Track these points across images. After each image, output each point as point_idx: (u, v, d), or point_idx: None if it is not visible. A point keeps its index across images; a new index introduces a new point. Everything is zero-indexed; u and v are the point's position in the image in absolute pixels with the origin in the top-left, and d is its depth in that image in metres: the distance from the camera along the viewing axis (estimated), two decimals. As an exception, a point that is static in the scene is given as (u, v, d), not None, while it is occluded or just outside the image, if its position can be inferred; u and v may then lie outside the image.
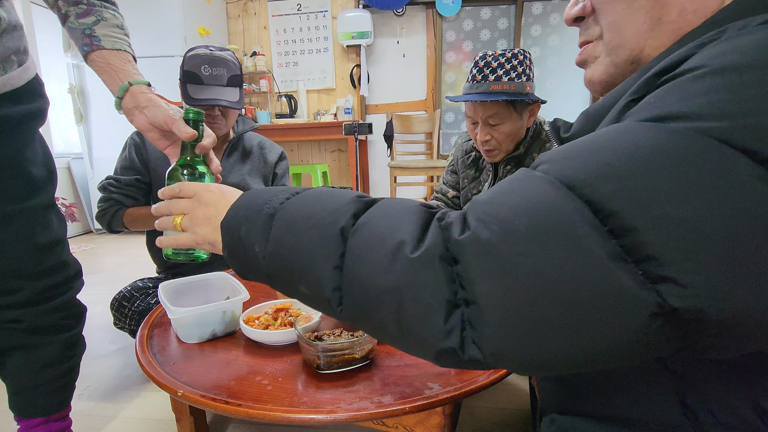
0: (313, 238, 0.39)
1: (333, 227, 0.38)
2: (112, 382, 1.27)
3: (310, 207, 0.41)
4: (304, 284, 0.40)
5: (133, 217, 1.26)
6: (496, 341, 0.30)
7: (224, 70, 1.22)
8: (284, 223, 0.41)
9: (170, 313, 0.74)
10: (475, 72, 1.14)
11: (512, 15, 3.76)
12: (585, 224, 0.28)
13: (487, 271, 0.29)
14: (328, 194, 0.42)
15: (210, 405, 0.57)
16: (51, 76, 3.26)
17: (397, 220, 0.35)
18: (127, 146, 1.31)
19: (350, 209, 0.38)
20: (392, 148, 3.64)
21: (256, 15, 3.92)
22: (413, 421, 0.64)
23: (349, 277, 0.36)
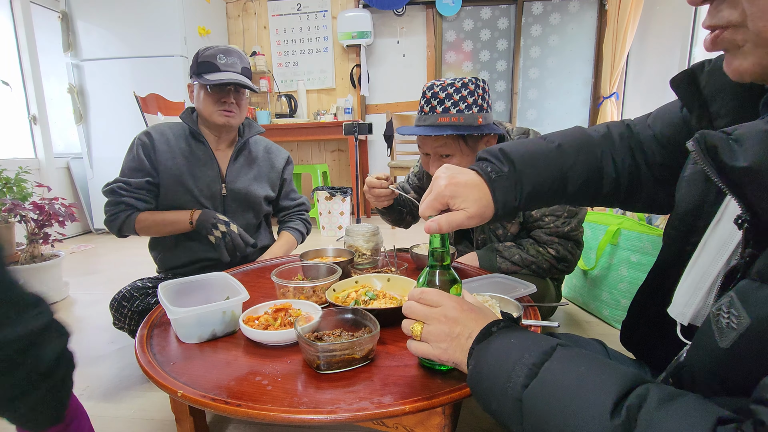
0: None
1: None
2: (112, 382, 1.27)
3: (560, 418, 0.38)
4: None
5: (146, 224, 1.26)
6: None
7: (237, 60, 1.27)
8: (539, 419, 0.40)
9: (170, 313, 0.74)
10: (423, 103, 1.08)
11: (512, 15, 3.76)
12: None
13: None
14: (570, 395, 0.39)
15: (210, 405, 0.57)
16: (51, 76, 3.26)
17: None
18: (134, 147, 1.29)
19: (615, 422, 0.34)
20: (392, 148, 3.64)
21: (256, 15, 3.92)
22: (413, 421, 0.64)
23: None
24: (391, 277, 0.94)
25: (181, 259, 1.33)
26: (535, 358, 0.44)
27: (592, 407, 0.36)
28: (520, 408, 0.42)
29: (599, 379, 0.38)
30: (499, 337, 0.49)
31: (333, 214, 3.24)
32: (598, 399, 0.36)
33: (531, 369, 0.43)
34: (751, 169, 0.33)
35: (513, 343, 0.47)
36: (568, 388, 0.39)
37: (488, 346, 0.49)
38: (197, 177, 1.30)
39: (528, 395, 0.42)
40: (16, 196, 1.88)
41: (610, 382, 0.37)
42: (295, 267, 1.02)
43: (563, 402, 0.39)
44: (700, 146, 0.36)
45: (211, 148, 1.34)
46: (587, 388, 0.38)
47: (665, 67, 3.03)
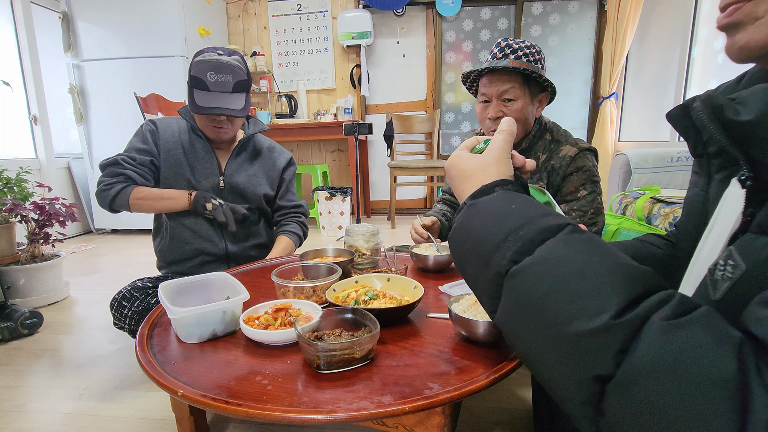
0: (552, 361, 0.32)
1: (583, 365, 0.29)
2: (112, 382, 1.27)
3: (552, 303, 0.32)
4: (543, 384, 0.35)
5: (142, 195, 1.25)
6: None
7: (230, 76, 1.22)
8: (515, 305, 0.35)
9: (170, 313, 0.74)
10: (496, 51, 1.21)
11: (512, 15, 3.77)
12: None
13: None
14: (570, 280, 0.32)
15: (210, 405, 0.57)
16: (51, 76, 3.26)
17: (689, 401, 0.25)
18: (143, 130, 1.32)
19: (610, 341, 0.28)
20: (392, 148, 3.64)
21: (256, 15, 3.92)
22: (413, 421, 0.64)
23: (616, 427, 0.29)
24: (391, 277, 0.94)
25: (181, 251, 1.33)
26: (535, 233, 0.37)
27: (592, 300, 0.30)
28: (500, 284, 0.37)
29: (612, 271, 0.31)
30: (500, 198, 0.42)
31: (333, 214, 3.24)
32: (603, 292, 0.30)
33: (526, 245, 0.36)
34: (755, 122, 0.34)
35: (513, 209, 0.40)
36: (568, 275, 0.33)
37: (484, 204, 0.43)
38: (195, 169, 1.32)
39: (514, 273, 0.36)
40: (16, 196, 1.88)
41: (626, 278, 0.31)
42: (295, 267, 1.02)
43: (556, 289, 0.32)
44: (706, 106, 0.37)
45: (210, 144, 1.35)
46: (592, 278, 0.31)
47: (665, 68, 3.04)
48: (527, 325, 0.34)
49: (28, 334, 1.61)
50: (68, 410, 1.14)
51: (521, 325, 0.35)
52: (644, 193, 1.91)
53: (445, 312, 0.83)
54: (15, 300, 1.83)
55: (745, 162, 0.37)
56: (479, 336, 0.71)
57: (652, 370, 0.27)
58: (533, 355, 0.35)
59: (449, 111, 4.04)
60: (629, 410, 0.28)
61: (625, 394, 0.28)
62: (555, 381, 0.33)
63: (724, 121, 0.36)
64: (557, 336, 0.31)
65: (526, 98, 1.20)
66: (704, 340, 0.27)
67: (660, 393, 0.26)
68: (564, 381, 0.32)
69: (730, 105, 0.36)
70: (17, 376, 1.32)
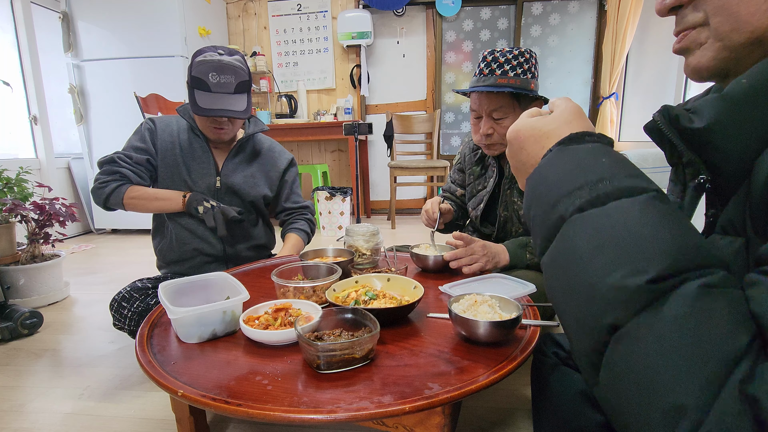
0: (580, 306, 0.33)
1: (603, 313, 0.30)
2: (112, 382, 1.27)
3: (602, 255, 0.32)
4: (564, 327, 0.36)
5: (136, 194, 1.25)
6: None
7: (232, 77, 1.21)
8: (565, 249, 0.36)
9: (170, 313, 0.74)
10: (483, 66, 1.17)
11: (512, 15, 3.77)
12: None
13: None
14: (628, 238, 0.32)
15: (210, 405, 0.57)
16: (51, 76, 3.26)
17: (689, 361, 0.26)
18: (141, 129, 1.33)
19: (636, 299, 0.29)
20: (392, 148, 3.64)
21: (256, 15, 3.92)
22: (413, 420, 0.64)
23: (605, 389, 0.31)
24: (391, 277, 0.94)
25: (179, 251, 1.33)
26: (613, 189, 0.35)
27: (638, 260, 0.30)
28: (559, 228, 0.36)
29: (674, 238, 0.31)
30: (591, 150, 0.40)
31: (333, 214, 3.24)
32: (650, 255, 0.30)
33: (600, 197, 0.35)
34: (707, 128, 0.37)
35: (603, 161, 0.38)
36: (626, 234, 0.32)
37: (572, 151, 0.41)
38: (192, 168, 1.32)
39: (576, 219, 0.35)
40: (16, 196, 1.88)
41: (682, 248, 0.30)
42: (295, 267, 1.02)
43: (609, 245, 0.32)
44: (664, 116, 0.41)
45: (208, 143, 1.35)
46: (647, 243, 0.31)
47: (665, 68, 3.04)
48: (570, 269, 0.35)
49: (28, 334, 1.61)
50: (68, 410, 1.14)
51: (565, 268, 0.35)
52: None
53: (445, 312, 0.83)
54: (15, 300, 1.83)
55: (703, 167, 0.39)
56: (479, 336, 0.71)
57: (666, 329, 0.27)
58: (564, 300, 0.36)
59: (449, 111, 4.04)
60: (624, 364, 0.29)
61: (626, 346, 0.29)
62: (573, 326, 0.34)
63: (680, 129, 0.39)
64: (595, 283, 0.32)
65: (517, 113, 1.17)
66: (731, 316, 0.27)
67: (662, 352, 0.27)
68: (581, 326, 0.33)
69: (685, 114, 0.39)
70: (17, 376, 1.32)
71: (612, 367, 0.30)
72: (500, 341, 0.72)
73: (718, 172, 0.39)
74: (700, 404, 0.25)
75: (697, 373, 0.26)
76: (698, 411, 0.25)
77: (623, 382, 0.29)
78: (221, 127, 1.28)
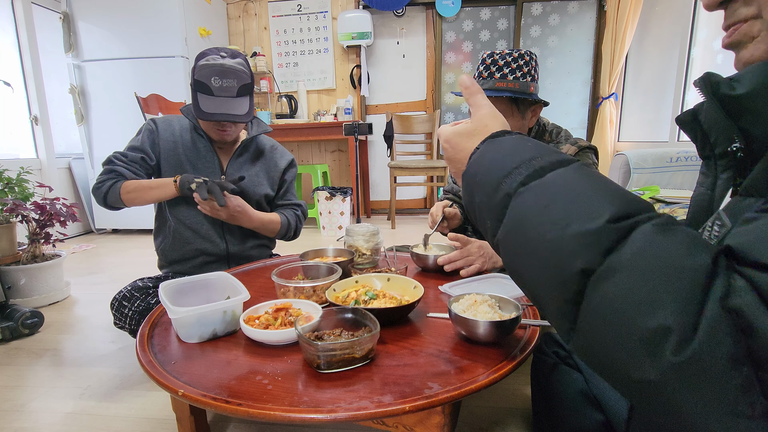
0: (545, 263, 0.34)
1: (572, 261, 0.32)
2: (112, 381, 1.28)
3: (554, 210, 0.35)
4: (531, 296, 0.38)
5: (131, 187, 1.25)
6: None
7: (234, 81, 1.22)
8: (517, 220, 0.38)
9: (171, 312, 0.74)
10: (482, 69, 1.16)
11: (512, 16, 3.77)
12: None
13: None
14: (575, 194, 0.35)
15: (210, 404, 0.57)
16: (52, 77, 3.26)
17: (661, 282, 0.27)
18: (142, 130, 1.34)
19: (601, 240, 0.31)
20: (392, 149, 3.64)
21: (256, 16, 3.92)
22: (413, 420, 0.64)
23: (585, 336, 0.31)
24: (391, 277, 0.94)
25: (182, 251, 1.34)
26: (547, 163, 0.39)
27: (591, 207, 0.33)
28: (507, 204, 0.39)
29: (613, 191, 0.34)
30: (517, 139, 0.45)
31: (333, 214, 3.24)
32: (602, 202, 0.33)
33: (537, 171, 0.39)
34: (748, 94, 0.37)
35: (529, 146, 0.43)
36: (571, 189, 0.35)
37: (500, 141, 0.46)
38: (197, 167, 1.33)
39: (523, 191, 0.38)
40: (17, 196, 1.89)
41: (625, 197, 0.33)
42: (296, 267, 1.03)
43: (559, 199, 0.35)
44: (704, 83, 0.41)
45: (212, 144, 1.36)
46: (594, 193, 0.34)
47: (664, 68, 3.04)
48: (526, 234, 0.37)
49: (28, 333, 1.61)
50: (69, 410, 1.14)
51: (521, 235, 0.37)
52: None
53: (445, 312, 0.84)
54: (16, 300, 1.83)
55: (739, 134, 0.40)
56: (479, 336, 0.71)
57: (633, 261, 0.29)
58: (527, 265, 0.37)
59: (449, 111, 4.04)
60: (603, 303, 0.30)
61: (602, 286, 0.30)
62: (543, 286, 0.35)
63: (720, 96, 0.39)
64: (552, 239, 0.34)
65: (516, 116, 1.16)
66: (687, 240, 0.29)
67: (634, 281, 0.28)
68: (551, 281, 0.34)
69: (726, 82, 0.39)
70: (18, 376, 1.32)
71: (591, 310, 0.31)
72: (500, 341, 0.72)
73: (753, 140, 0.39)
74: (682, 321, 0.26)
75: (672, 294, 0.27)
76: (682, 327, 0.25)
77: (603, 321, 0.30)
78: (224, 129, 1.30)
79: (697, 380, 0.25)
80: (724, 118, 0.40)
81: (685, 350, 0.25)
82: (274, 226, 1.41)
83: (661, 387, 0.26)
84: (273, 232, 1.42)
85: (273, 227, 1.41)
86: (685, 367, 0.25)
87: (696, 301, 0.26)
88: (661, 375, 0.26)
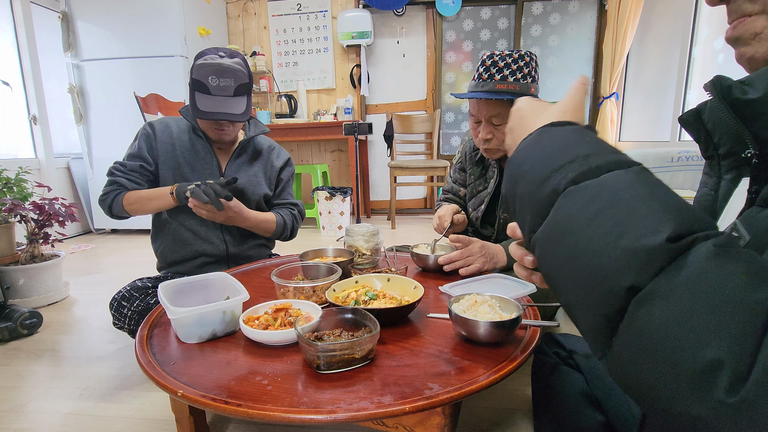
0: (588, 274, 0.31)
1: (620, 276, 0.29)
2: (112, 382, 1.27)
3: (606, 218, 0.32)
4: (564, 304, 0.35)
5: (132, 199, 1.27)
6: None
7: (232, 80, 1.22)
8: (562, 221, 0.35)
9: (170, 313, 0.74)
10: (482, 70, 1.15)
11: (512, 15, 3.76)
12: None
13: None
14: (632, 203, 0.31)
15: (210, 405, 0.57)
16: (51, 76, 3.26)
17: (718, 313, 0.25)
18: (138, 136, 1.34)
19: (657, 258, 0.28)
20: (392, 148, 3.64)
21: (256, 15, 3.92)
22: (413, 421, 0.64)
23: (621, 357, 0.29)
24: (391, 277, 0.94)
25: (179, 253, 1.33)
26: (604, 162, 0.35)
27: (649, 221, 0.30)
28: (552, 203, 0.36)
29: (674, 203, 0.31)
30: (574, 131, 0.41)
31: (333, 214, 3.24)
32: (662, 217, 0.30)
33: (592, 170, 0.35)
34: (760, 100, 0.36)
35: (587, 140, 0.39)
36: (628, 197, 0.32)
37: (556, 132, 0.42)
38: (195, 169, 1.33)
39: (573, 190, 0.35)
40: (16, 196, 1.88)
41: (686, 212, 0.30)
42: (295, 267, 1.02)
43: (615, 206, 0.32)
44: (715, 86, 0.39)
45: (210, 144, 1.35)
46: (653, 204, 0.31)
47: (665, 67, 3.03)
48: (571, 238, 0.34)
49: (27, 334, 1.61)
50: (68, 410, 1.13)
51: (564, 238, 0.34)
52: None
53: (445, 312, 0.83)
54: (14, 300, 1.83)
55: (752, 140, 0.38)
56: (479, 336, 0.71)
57: (689, 286, 0.27)
58: (566, 272, 0.34)
59: (449, 111, 4.04)
60: (649, 327, 0.27)
61: (649, 308, 0.27)
62: (581, 297, 0.33)
63: (732, 100, 0.38)
64: (603, 249, 0.31)
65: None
66: (749, 269, 0.26)
67: (688, 308, 0.26)
68: (591, 294, 0.31)
69: (738, 86, 0.37)
70: (17, 377, 1.32)
71: (632, 331, 0.28)
72: (500, 341, 0.72)
73: (767, 146, 0.38)
74: (740, 356, 0.24)
75: (728, 325, 0.25)
76: (739, 363, 0.24)
77: (646, 345, 0.27)
78: (222, 128, 1.29)
79: (750, 421, 0.23)
80: (733, 121, 0.38)
81: (739, 389, 0.23)
82: (269, 226, 1.39)
83: (707, 424, 0.24)
84: (268, 231, 1.41)
85: (268, 227, 1.39)
86: (738, 407, 0.23)
87: (754, 338, 0.24)
88: (709, 412, 0.24)
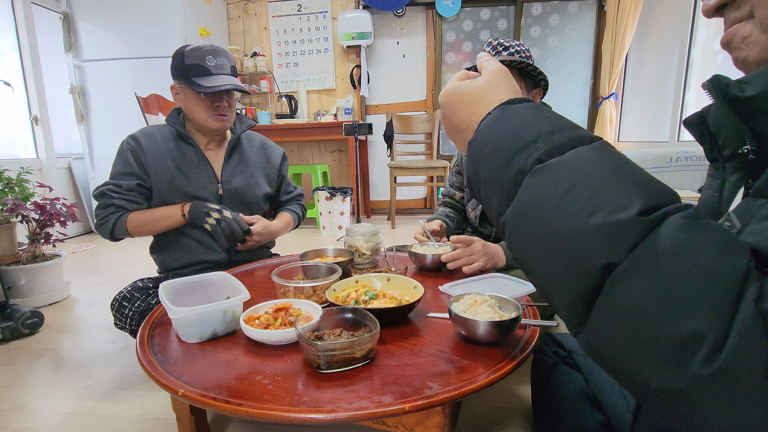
0: (561, 254, 0.31)
1: (594, 254, 0.29)
2: (113, 381, 1.28)
3: (575, 196, 0.31)
4: (538, 285, 0.35)
5: (137, 222, 1.24)
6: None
7: (225, 60, 1.26)
8: (531, 201, 0.34)
9: (171, 312, 0.74)
10: (489, 49, 1.25)
11: (512, 16, 3.77)
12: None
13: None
14: (599, 179, 0.31)
15: (210, 404, 0.57)
16: (52, 77, 3.26)
17: (694, 284, 0.25)
18: (123, 150, 1.26)
19: (630, 234, 0.28)
20: (392, 149, 3.64)
21: (256, 16, 3.92)
22: (413, 420, 0.64)
23: (597, 334, 0.29)
24: (391, 277, 0.94)
25: (181, 261, 1.32)
26: (567, 139, 0.35)
27: (618, 197, 0.30)
28: (519, 183, 0.36)
29: (640, 177, 0.31)
30: (533, 107, 0.41)
31: (333, 214, 3.24)
32: (630, 192, 0.30)
33: (557, 147, 0.35)
34: (758, 96, 0.36)
35: (547, 116, 0.38)
36: (596, 173, 0.32)
37: (515, 109, 0.41)
38: (191, 179, 1.28)
39: (539, 169, 0.34)
40: (17, 196, 1.89)
41: (653, 185, 0.31)
42: (296, 267, 1.03)
43: (582, 183, 0.32)
44: (714, 85, 0.39)
45: (201, 149, 1.32)
46: (621, 179, 0.31)
47: (664, 68, 3.04)
48: (541, 219, 0.33)
49: (28, 333, 1.61)
50: (69, 410, 1.14)
51: (534, 219, 0.34)
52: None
53: (445, 312, 0.84)
54: (16, 300, 1.83)
55: (750, 136, 0.39)
56: (479, 336, 0.71)
57: (663, 260, 0.27)
58: (538, 253, 0.34)
59: (449, 111, 4.04)
60: (625, 303, 0.27)
61: (625, 284, 0.27)
62: (555, 278, 0.32)
63: (730, 98, 0.38)
64: (572, 228, 0.31)
65: (522, 93, 1.20)
66: (719, 238, 0.27)
67: (663, 281, 0.26)
68: (565, 274, 0.31)
69: (736, 84, 0.38)
70: (18, 376, 1.32)
71: (609, 307, 0.28)
72: (500, 341, 0.72)
73: (765, 141, 0.38)
74: (717, 327, 0.24)
75: (706, 297, 0.25)
76: (716, 333, 0.24)
77: (623, 320, 0.27)
78: (223, 113, 1.27)
79: (726, 391, 0.23)
80: (734, 120, 0.39)
81: (716, 360, 0.23)
82: (289, 228, 1.50)
83: (685, 396, 0.25)
84: (289, 231, 1.52)
85: (289, 228, 1.50)
86: (715, 377, 0.23)
87: (729, 306, 0.24)
88: (686, 385, 0.24)
